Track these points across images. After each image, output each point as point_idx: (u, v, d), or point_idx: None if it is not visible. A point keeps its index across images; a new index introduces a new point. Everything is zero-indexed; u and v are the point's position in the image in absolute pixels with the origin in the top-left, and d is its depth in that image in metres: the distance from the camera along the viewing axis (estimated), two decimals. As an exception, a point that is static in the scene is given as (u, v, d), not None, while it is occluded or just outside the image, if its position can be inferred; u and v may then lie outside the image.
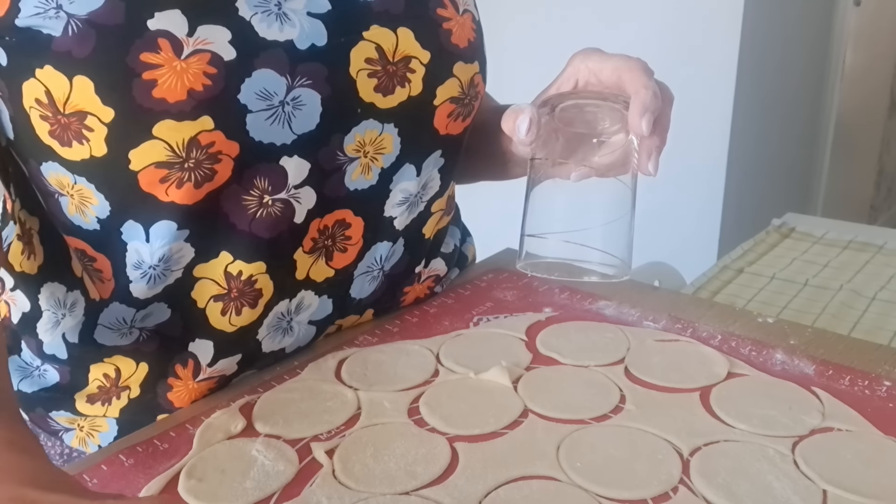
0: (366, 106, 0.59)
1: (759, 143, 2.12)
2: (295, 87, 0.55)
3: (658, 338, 0.68)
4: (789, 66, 2.23)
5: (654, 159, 0.57)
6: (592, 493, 0.49)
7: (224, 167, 0.54)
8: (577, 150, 0.60)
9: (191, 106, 0.51)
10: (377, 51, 0.59)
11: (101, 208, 0.55)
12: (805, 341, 0.67)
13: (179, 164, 0.53)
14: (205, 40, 0.52)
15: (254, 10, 0.54)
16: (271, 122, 0.55)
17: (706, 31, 1.92)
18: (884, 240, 1.21)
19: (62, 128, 0.51)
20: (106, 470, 0.53)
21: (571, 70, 0.60)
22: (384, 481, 0.51)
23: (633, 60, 0.57)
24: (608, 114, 0.59)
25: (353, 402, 0.60)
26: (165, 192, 0.54)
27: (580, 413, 0.58)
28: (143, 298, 0.59)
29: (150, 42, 0.50)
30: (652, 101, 0.55)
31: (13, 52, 0.51)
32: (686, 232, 2.04)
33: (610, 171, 0.59)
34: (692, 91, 0.81)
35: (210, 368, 0.62)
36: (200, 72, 0.51)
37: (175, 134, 0.51)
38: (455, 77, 0.63)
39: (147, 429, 0.59)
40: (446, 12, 0.63)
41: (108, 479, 0.52)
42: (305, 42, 0.56)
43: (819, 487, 0.49)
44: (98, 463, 0.54)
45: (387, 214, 0.66)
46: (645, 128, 0.54)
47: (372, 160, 0.62)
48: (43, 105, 0.51)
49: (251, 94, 0.53)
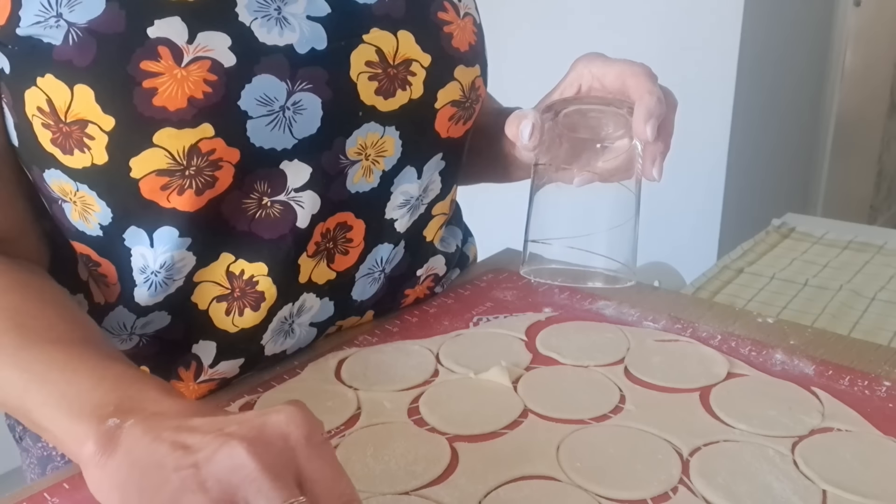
0: (367, 109, 0.59)
1: (758, 144, 2.13)
2: (295, 91, 0.55)
3: (658, 338, 0.68)
4: (789, 67, 2.23)
5: (658, 165, 0.57)
6: (592, 493, 0.49)
7: (225, 174, 0.54)
8: (580, 156, 0.59)
9: (191, 114, 0.51)
10: (377, 54, 0.59)
11: (103, 215, 0.55)
12: (805, 341, 0.68)
13: (180, 171, 0.52)
14: (205, 47, 0.52)
15: (253, 16, 0.54)
16: (272, 127, 0.55)
17: (706, 32, 1.92)
18: (884, 240, 1.21)
19: (64, 136, 0.51)
20: (106, 470, 0.53)
21: (574, 75, 0.60)
22: (384, 481, 0.51)
23: (637, 65, 0.57)
24: (612, 119, 0.58)
25: (353, 402, 0.60)
26: (167, 199, 0.54)
27: (580, 413, 0.58)
28: (144, 305, 0.59)
29: (150, 50, 0.50)
30: (656, 106, 0.55)
31: (16, 60, 0.51)
32: (686, 232, 2.04)
33: (613, 177, 0.59)
34: (692, 91, 0.81)
35: (212, 370, 0.62)
36: (201, 79, 0.51)
37: (175, 142, 0.51)
38: (456, 80, 0.63)
39: (147, 429, 0.59)
40: (447, 16, 0.63)
41: (108, 478, 0.52)
42: (305, 46, 0.56)
43: (819, 487, 0.49)
44: (98, 463, 0.54)
45: (388, 217, 0.66)
46: (650, 133, 0.54)
47: (373, 163, 0.62)
48: (45, 113, 0.51)
49: (251, 101, 0.53)
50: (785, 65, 2.20)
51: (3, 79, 0.52)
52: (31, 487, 0.52)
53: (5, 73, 0.52)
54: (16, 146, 0.55)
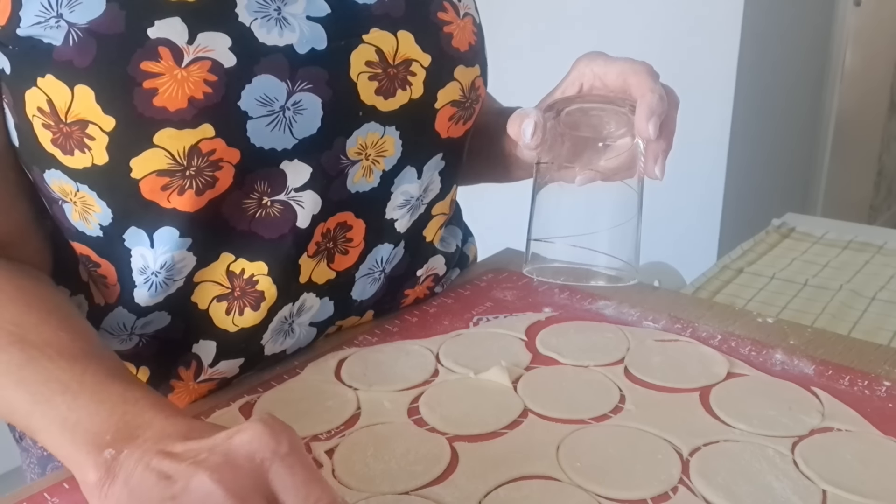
0: (367, 109, 0.59)
1: (758, 143, 2.13)
2: (295, 91, 0.55)
3: (658, 338, 0.68)
4: (789, 66, 2.23)
5: (660, 163, 0.57)
6: (592, 493, 0.49)
7: (225, 174, 0.54)
8: (582, 155, 0.59)
9: (191, 114, 0.51)
10: (377, 54, 0.59)
11: (103, 216, 0.55)
12: (805, 341, 0.68)
13: (181, 171, 0.53)
14: (205, 48, 0.52)
15: (253, 16, 0.54)
16: (272, 127, 0.55)
17: (706, 32, 1.92)
18: (884, 240, 1.21)
19: (64, 136, 0.51)
20: (106, 470, 0.53)
21: (576, 74, 0.60)
22: (384, 481, 0.51)
23: (638, 64, 0.57)
24: (613, 117, 0.58)
25: (353, 402, 0.60)
26: (167, 200, 0.54)
27: (580, 413, 0.58)
28: (144, 305, 0.59)
29: (150, 51, 0.50)
30: (658, 104, 0.55)
31: (16, 60, 0.51)
32: (686, 232, 2.04)
33: (615, 175, 0.59)
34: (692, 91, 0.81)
35: (211, 370, 0.62)
36: (201, 80, 0.51)
37: (176, 142, 0.51)
38: (456, 80, 0.63)
39: (147, 429, 0.59)
40: (447, 16, 0.63)
41: (108, 478, 0.52)
42: (305, 46, 0.56)
43: (819, 487, 0.49)
44: (98, 463, 0.54)
45: (388, 217, 0.66)
46: (652, 131, 0.54)
47: (373, 163, 0.62)
48: (45, 114, 0.51)
49: (251, 101, 0.53)
50: (785, 65, 2.20)
51: (4, 79, 0.52)
52: (31, 487, 0.52)
53: (6, 74, 0.52)
54: (16, 147, 0.55)
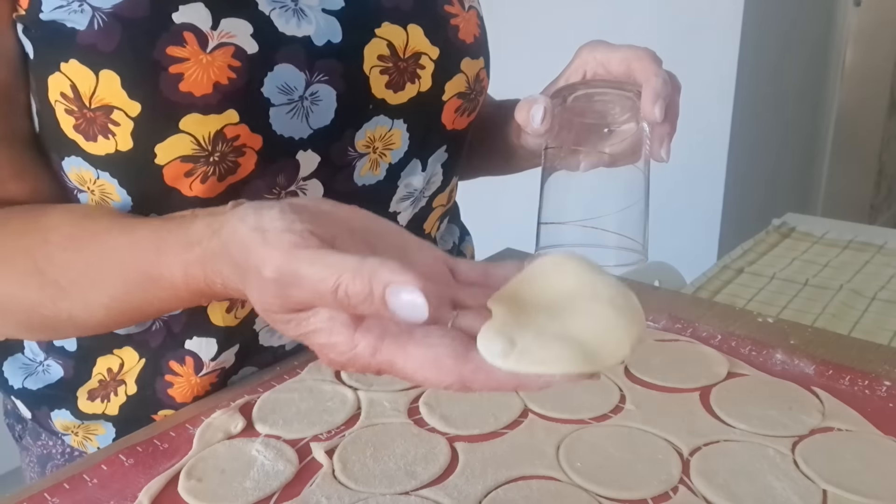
0: (377, 102, 0.60)
1: (759, 143, 2.12)
2: (313, 82, 0.56)
3: (658, 338, 0.68)
4: (789, 66, 2.23)
5: (666, 146, 0.57)
6: (592, 493, 0.49)
7: (247, 160, 0.55)
8: (587, 141, 0.60)
9: (216, 99, 0.52)
10: (389, 48, 0.59)
11: (122, 205, 0.55)
12: (805, 341, 0.68)
13: (205, 157, 0.53)
14: (228, 33, 0.52)
15: (272, 6, 0.55)
16: (291, 115, 0.55)
17: (706, 31, 1.92)
18: (884, 240, 1.20)
19: (87, 122, 0.51)
20: (106, 470, 0.53)
21: (579, 62, 0.61)
22: (384, 481, 0.51)
23: (641, 50, 0.58)
24: (618, 103, 0.59)
25: (353, 402, 0.60)
26: (189, 187, 0.54)
27: (580, 413, 0.58)
28: None
29: (175, 35, 0.50)
30: (663, 87, 0.55)
31: (39, 45, 0.51)
32: (686, 232, 2.04)
33: (619, 161, 0.59)
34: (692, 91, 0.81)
35: (213, 363, 0.62)
36: (225, 65, 0.52)
37: (201, 127, 0.52)
38: (462, 72, 0.64)
39: (147, 429, 0.59)
40: (453, 9, 0.64)
41: (107, 478, 0.52)
42: (322, 38, 0.56)
43: (819, 487, 0.49)
44: (98, 463, 0.54)
45: (392, 210, 0.66)
46: (658, 114, 0.55)
47: (381, 156, 0.62)
48: (68, 99, 0.51)
49: (273, 88, 0.54)
50: (785, 64, 2.20)
51: (28, 64, 0.52)
52: (31, 487, 0.52)
53: (29, 59, 0.52)
54: (36, 132, 0.55)
